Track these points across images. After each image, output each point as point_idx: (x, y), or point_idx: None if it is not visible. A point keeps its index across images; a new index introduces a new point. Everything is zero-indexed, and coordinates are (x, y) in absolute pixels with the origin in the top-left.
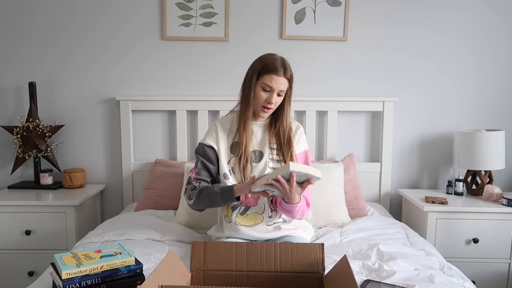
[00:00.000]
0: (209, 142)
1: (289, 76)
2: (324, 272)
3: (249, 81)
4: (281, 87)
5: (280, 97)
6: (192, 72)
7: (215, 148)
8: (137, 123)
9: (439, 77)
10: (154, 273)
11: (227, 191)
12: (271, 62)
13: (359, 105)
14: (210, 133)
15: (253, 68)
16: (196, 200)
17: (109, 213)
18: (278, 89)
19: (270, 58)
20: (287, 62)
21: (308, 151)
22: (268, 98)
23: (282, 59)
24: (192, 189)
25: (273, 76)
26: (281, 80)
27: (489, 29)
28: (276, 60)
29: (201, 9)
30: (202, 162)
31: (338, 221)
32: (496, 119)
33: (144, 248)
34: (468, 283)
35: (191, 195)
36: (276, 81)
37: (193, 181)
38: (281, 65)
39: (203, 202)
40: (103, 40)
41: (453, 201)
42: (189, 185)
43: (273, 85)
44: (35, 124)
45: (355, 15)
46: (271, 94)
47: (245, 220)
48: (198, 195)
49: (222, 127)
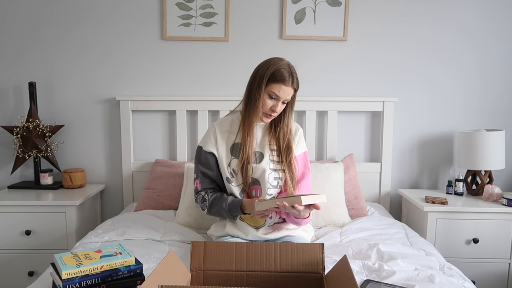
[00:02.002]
0: (208, 148)
1: (296, 85)
2: (324, 272)
3: (258, 88)
4: (287, 96)
5: (284, 104)
6: (192, 72)
7: (215, 154)
8: (137, 123)
9: (439, 77)
10: (154, 273)
11: (235, 209)
12: (281, 71)
13: (359, 105)
14: (208, 137)
15: (262, 74)
16: (208, 212)
17: (109, 213)
18: (284, 98)
19: (278, 65)
20: (294, 70)
21: (307, 152)
22: (273, 106)
23: (290, 67)
24: (202, 201)
25: (281, 86)
26: (289, 90)
27: (492, 28)
28: (285, 68)
29: (201, 9)
30: (202, 172)
31: (338, 221)
32: (496, 119)
33: (144, 248)
34: (468, 283)
35: (202, 206)
36: (284, 91)
37: (200, 191)
38: (290, 74)
39: (215, 214)
40: (103, 40)
41: (453, 201)
42: (198, 196)
43: (281, 94)
44: (35, 124)
45: (355, 15)
46: (277, 102)
47: (250, 220)
48: (209, 209)
49: (221, 129)
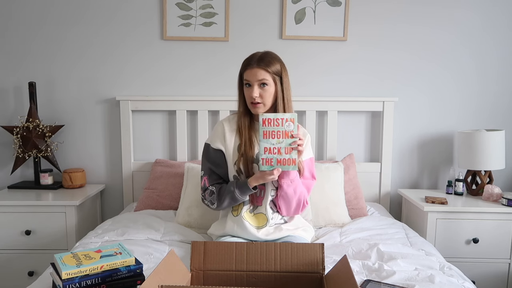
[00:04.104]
0: (217, 145)
1: (264, 65)
2: (324, 272)
3: (238, 83)
4: (257, 77)
5: (266, 87)
6: (192, 72)
7: (223, 150)
8: (137, 123)
9: (439, 77)
10: (154, 273)
11: (243, 186)
12: (248, 58)
13: (359, 105)
14: (216, 134)
15: (240, 70)
16: (218, 203)
17: (109, 213)
18: (256, 80)
19: (250, 55)
20: (270, 54)
21: (312, 158)
22: (250, 92)
23: (263, 53)
24: (211, 194)
25: (247, 70)
26: (255, 71)
27: (491, 29)
28: (255, 54)
29: (201, 9)
30: (210, 169)
31: (338, 221)
32: (496, 119)
33: (144, 248)
34: (468, 283)
35: (212, 200)
36: (251, 73)
37: (208, 186)
38: (257, 58)
39: (226, 203)
40: (103, 40)
41: (453, 201)
42: (207, 192)
43: (249, 78)
44: (35, 124)
45: (355, 15)
46: (252, 88)
47: (252, 219)
48: (219, 198)
49: (230, 127)
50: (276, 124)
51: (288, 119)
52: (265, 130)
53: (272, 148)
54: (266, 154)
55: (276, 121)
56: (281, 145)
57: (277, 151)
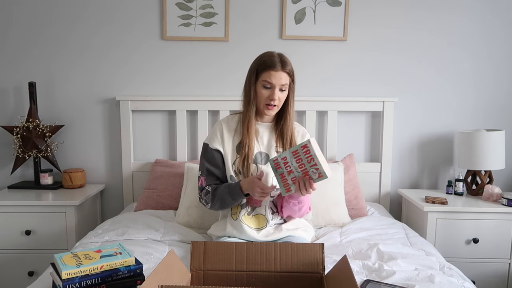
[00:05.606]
0: (215, 145)
1: (288, 70)
2: (324, 272)
3: (249, 81)
4: (281, 81)
5: (284, 92)
6: (192, 72)
7: (221, 151)
8: (137, 123)
9: (439, 77)
10: (154, 273)
11: (234, 190)
12: (268, 59)
13: (359, 105)
14: (215, 134)
15: (253, 68)
16: (212, 204)
17: (109, 213)
18: (279, 84)
19: (267, 55)
20: (286, 57)
21: None
22: (270, 95)
23: (280, 54)
24: (206, 193)
25: (271, 72)
26: (280, 75)
27: (488, 31)
28: (273, 56)
29: (201, 9)
30: (207, 169)
31: (338, 221)
32: (496, 119)
33: (144, 248)
34: (468, 283)
35: (206, 199)
36: (275, 76)
37: (205, 186)
38: (278, 60)
39: (218, 204)
40: (103, 40)
41: (453, 201)
42: (203, 191)
43: (273, 80)
44: (35, 124)
45: (355, 15)
46: (273, 90)
47: (251, 221)
48: (212, 199)
49: (228, 127)
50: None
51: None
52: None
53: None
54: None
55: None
56: (295, 173)
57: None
